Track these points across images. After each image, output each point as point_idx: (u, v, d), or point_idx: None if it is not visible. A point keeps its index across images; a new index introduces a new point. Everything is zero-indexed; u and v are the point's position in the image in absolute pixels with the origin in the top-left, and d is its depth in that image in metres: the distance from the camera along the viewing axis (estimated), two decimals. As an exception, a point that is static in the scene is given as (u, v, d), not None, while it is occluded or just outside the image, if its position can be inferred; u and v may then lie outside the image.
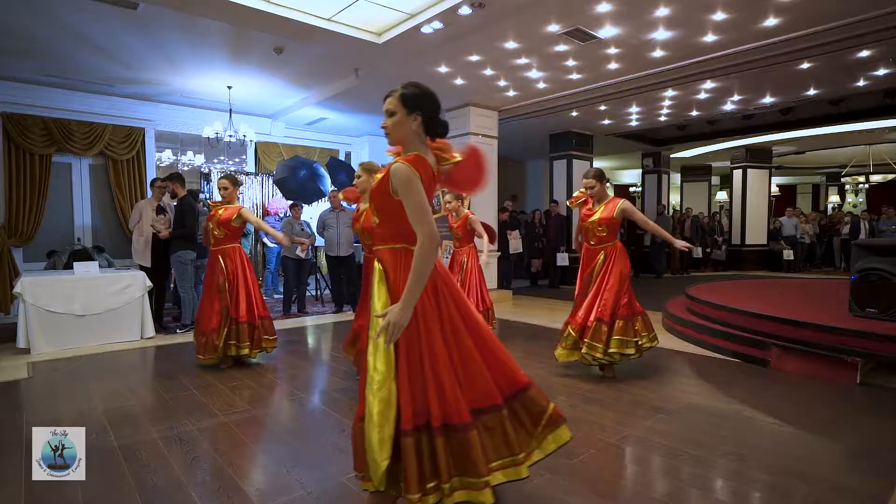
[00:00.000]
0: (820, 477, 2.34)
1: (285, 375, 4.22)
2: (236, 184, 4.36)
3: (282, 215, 8.39)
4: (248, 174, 8.78)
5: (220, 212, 4.30)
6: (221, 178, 4.34)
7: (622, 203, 3.80)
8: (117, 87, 6.98)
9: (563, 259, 9.62)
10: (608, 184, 3.73)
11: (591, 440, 2.77)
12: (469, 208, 5.14)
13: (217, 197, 8.11)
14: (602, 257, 3.86)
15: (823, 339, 3.90)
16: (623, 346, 3.69)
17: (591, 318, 3.73)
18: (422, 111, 1.86)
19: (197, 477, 2.38)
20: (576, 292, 4.05)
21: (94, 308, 5.09)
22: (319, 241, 7.41)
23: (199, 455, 2.62)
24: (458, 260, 5.12)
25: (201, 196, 7.57)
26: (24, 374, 4.13)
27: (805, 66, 5.92)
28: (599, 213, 3.81)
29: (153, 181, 6.13)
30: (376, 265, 1.91)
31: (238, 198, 4.52)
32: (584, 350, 3.71)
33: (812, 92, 7.08)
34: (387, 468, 1.73)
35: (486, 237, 5.09)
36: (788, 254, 12.20)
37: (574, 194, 4.03)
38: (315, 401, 3.64)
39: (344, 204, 6.49)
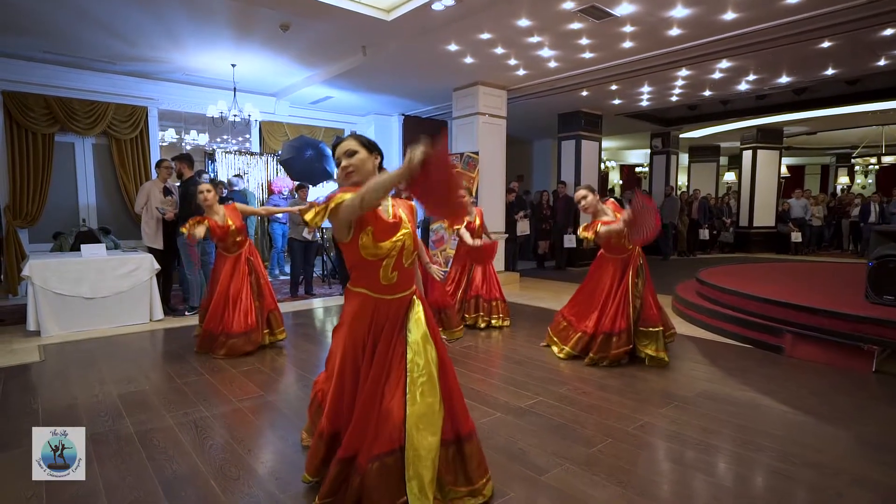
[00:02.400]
0: (840, 468, 2.33)
1: (295, 359, 4.22)
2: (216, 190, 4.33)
3: (286, 193, 8.31)
4: (252, 154, 8.68)
5: (229, 223, 4.18)
6: (203, 185, 4.21)
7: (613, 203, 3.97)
8: (119, 64, 6.85)
9: (570, 241, 9.56)
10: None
11: (607, 429, 2.76)
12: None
13: (221, 177, 8.09)
14: (638, 253, 3.90)
15: (839, 327, 3.86)
16: None
17: (660, 312, 3.94)
18: (379, 153, 1.98)
19: (215, 464, 2.38)
20: (609, 295, 3.91)
21: (103, 291, 5.08)
22: (326, 223, 7.36)
23: (216, 442, 2.61)
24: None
25: (205, 176, 7.50)
26: (36, 358, 4.13)
27: (826, 44, 5.75)
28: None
29: (159, 162, 6.04)
30: (416, 301, 1.99)
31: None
32: (669, 341, 3.98)
33: (830, 71, 6.91)
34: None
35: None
36: (796, 236, 12.10)
37: (581, 227, 3.96)
38: (327, 386, 3.63)
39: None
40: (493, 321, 5.04)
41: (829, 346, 3.87)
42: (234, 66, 6.86)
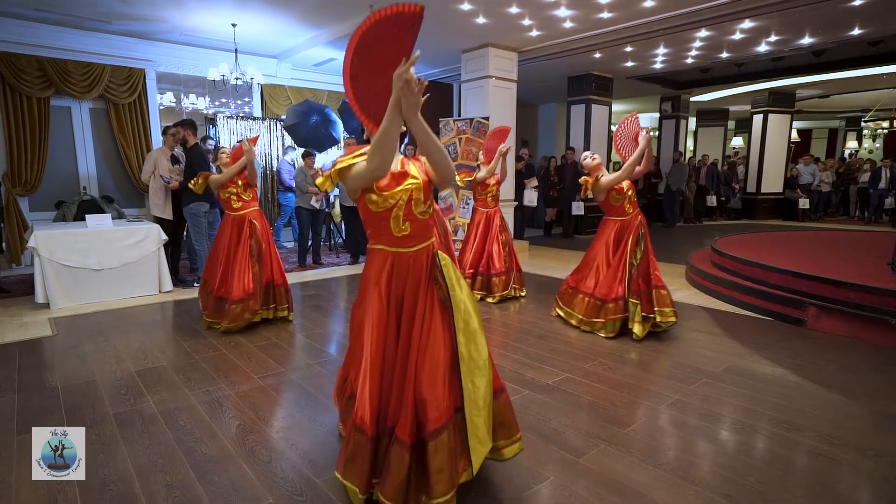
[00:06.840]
0: (881, 450, 2.30)
1: (311, 332, 4.16)
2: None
3: (290, 159, 8.05)
4: (255, 119, 8.42)
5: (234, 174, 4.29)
6: (225, 149, 4.45)
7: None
8: (115, 23, 6.52)
9: (578, 208, 9.42)
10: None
11: (639, 407, 2.72)
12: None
13: (224, 144, 7.86)
14: (639, 222, 3.84)
15: (865, 300, 3.80)
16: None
17: (646, 287, 3.76)
18: None
19: (245, 447, 2.33)
20: (606, 258, 3.91)
21: (110, 262, 4.97)
22: (336, 191, 7.21)
23: (243, 422, 2.57)
24: (494, 221, 5.03)
25: (210, 143, 7.27)
26: (48, 332, 4.06)
27: (857, 2, 5.48)
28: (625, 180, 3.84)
29: (166, 128, 5.83)
30: (446, 259, 1.89)
31: None
32: (659, 319, 3.75)
33: (856, 31, 6.63)
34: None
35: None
36: (804, 202, 11.98)
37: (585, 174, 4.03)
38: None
39: None
40: (511, 292, 5.03)
41: (853, 320, 3.82)
42: (234, 25, 6.54)
